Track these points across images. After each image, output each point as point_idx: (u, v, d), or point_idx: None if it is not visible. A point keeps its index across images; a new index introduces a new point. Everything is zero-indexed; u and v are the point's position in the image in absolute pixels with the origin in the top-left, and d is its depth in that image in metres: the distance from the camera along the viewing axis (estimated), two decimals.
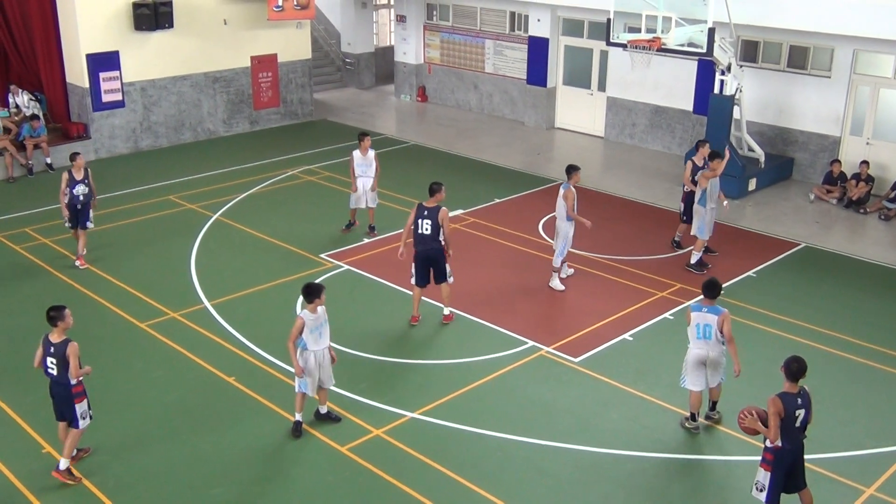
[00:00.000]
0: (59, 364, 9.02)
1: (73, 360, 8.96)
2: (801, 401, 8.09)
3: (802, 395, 8.12)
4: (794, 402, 8.05)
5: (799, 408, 8.07)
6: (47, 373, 9.19)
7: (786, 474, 8.27)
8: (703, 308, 9.93)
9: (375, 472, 9.51)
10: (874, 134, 18.64)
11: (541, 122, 23.97)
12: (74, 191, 14.25)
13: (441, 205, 12.38)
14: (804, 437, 8.26)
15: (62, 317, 9.12)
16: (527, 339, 12.41)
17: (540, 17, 23.13)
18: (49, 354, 9.07)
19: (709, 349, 9.96)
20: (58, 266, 14.67)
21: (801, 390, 8.13)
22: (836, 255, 15.62)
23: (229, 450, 9.92)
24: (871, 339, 12.51)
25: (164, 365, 11.66)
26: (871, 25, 16.73)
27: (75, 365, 8.98)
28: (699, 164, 14.95)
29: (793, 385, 8.10)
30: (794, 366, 8.08)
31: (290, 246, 15.58)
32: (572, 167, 13.55)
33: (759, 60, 19.79)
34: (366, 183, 15.55)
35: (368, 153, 15.51)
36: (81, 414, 9.22)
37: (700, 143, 15.34)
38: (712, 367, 10.07)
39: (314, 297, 9.76)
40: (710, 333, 9.88)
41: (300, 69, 24.32)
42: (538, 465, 9.72)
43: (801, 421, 8.12)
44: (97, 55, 20.23)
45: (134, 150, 21.39)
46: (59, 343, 9.03)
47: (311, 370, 9.89)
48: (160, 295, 13.63)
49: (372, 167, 15.53)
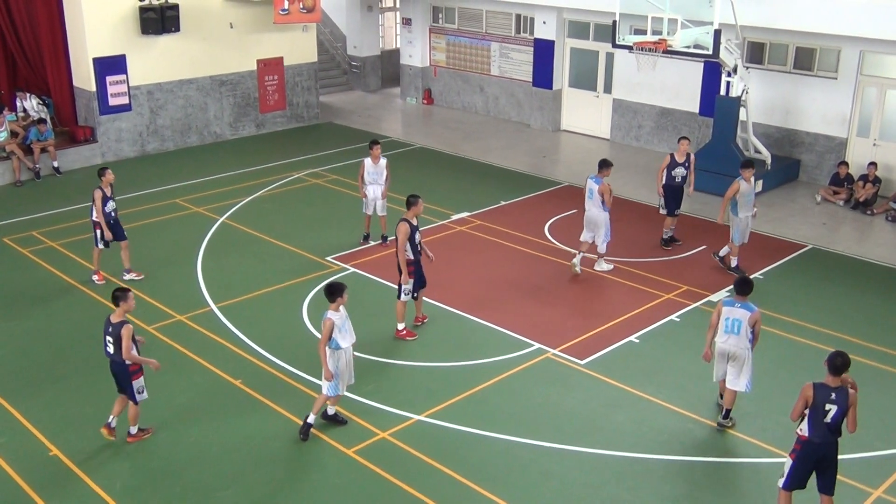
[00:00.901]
0: (115, 343, 9.56)
1: (125, 341, 9.47)
2: (835, 395, 8.02)
3: (839, 392, 8.03)
4: (826, 395, 8.03)
5: (831, 402, 8.02)
6: (106, 351, 9.74)
7: (812, 469, 8.28)
8: (735, 304, 10.04)
9: (382, 475, 9.51)
10: (881, 135, 18.59)
11: (547, 125, 23.97)
12: (106, 207, 13.81)
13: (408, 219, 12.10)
14: (837, 436, 8.15)
15: (125, 298, 9.64)
16: (533, 341, 12.40)
17: (546, 20, 23.13)
18: (108, 333, 9.63)
19: (734, 344, 10.04)
20: (64, 269, 14.71)
21: (840, 387, 8.05)
22: (844, 256, 15.58)
23: (236, 452, 9.93)
24: (878, 340, 12.46)
25: (171, 368, 11.66)
26: (878, 26, 16.69)
27: (126, 346, 9.47)
28: (679, 160, 15.27)
29: (834, 379, 8.05)
30: (838, 360, 8.06)
31: (296, 249, 15.59)
32: (606, 162, 14.45)
33: (765, 62, 19.76)
34: (376, 190, 15.28)
35: (380, 161, 15.20)
36: (138, 389, 9.78)
37: (681, 139, 15.46)
38: (734, 363, 10.13)
39: (337, 295, 9.80)
40: (738, 329, 9.96)
41: (306, 72, 24.36)
42: (545, 467, 9.71)
43: (833, 417, 8.03)
44: (104, 59, 20.30)
45: (140, 154, 21.44)
46: (116, 323, 9.55)
47: (341, 370, 9.96)
48: (167, 298, 13.65)
49: (382, 175, 15.26)
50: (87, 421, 10.46)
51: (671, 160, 15.32)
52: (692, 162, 15.44)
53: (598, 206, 14.19)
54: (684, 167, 15.32)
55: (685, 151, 15.32)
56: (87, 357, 11.92)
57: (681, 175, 15.32)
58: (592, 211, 14.28)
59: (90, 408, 10.73)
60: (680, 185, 15.43)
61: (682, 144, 15.36)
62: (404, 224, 12.00)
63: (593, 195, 14.21)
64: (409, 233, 12.00)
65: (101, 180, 13.88)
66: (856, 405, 8.07)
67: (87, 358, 11.89)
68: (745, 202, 14.16)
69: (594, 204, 14.22)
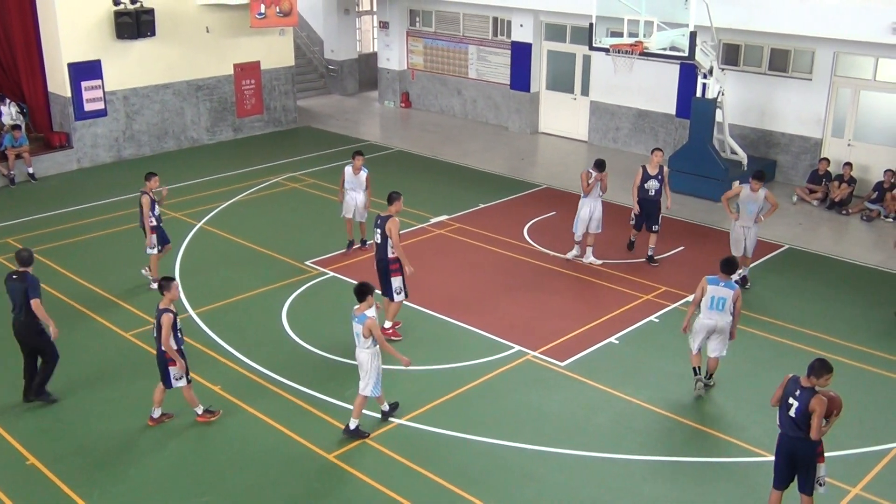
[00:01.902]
0: (157, 328, 9.97)
1: (165, 329, 9.86)
2: (799, 392, 8.13)
3: (805, 391, 8.11)
4: (793, 389, 8.20)
5: (794, 398, 8.14)
6: (154, 336, 10.14)
7: (787, 463, 8.39)
8: (720, 282, 10.73)
9: (363, 479, 9.48)
10: (855, 135, 18.77)
11: (525, 127, 24.02)
12: (155, 212, 13.75)
13: (394, 216, 12.25)
14: (803, 433, 8.13)
15: (169, 287, 10.02)
16: (513, 343, 12.41)
17: (523, 23, 23.19)
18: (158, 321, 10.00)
19: (718, 319, 10.76)
20: (40, 276, 14.46)
21: (808, 387, 8.11)
22: (820, 256, 15.71)
23: (216, 458, 9.88)
24: (854, 339, 12.58)
25: (150, 374, 11.56)
26: (851, 28, 16.86)
27: (166, 334, 9.87)
28: (652, 172, 14.69)
29: (808, 379, 8.14)
30: (816, 363, 8.17)
31: (274, 253, 15.53)
32: (602, 162, 14.80)
33: (740, 63, 19.91)
34: (356, 198, 15.06)
35: (360, 173, 14.99)
36: (175, 376, 10.12)
37: (654, 151, 14.97)
38: (719, 335, 10.87)
39: (368, 294, 9.92)
40: (723, 306, 10.70)
41: (283, 76, 24.29)
42: (526, 469, 9.72)
43: (796, 412, 8.11)
44: (79, 64, 20.15)
45: (117, 159, 21.29)
46: (159, 311, 9.94)
47: (379, 368, 10.13)
48: (144, 304, 13.54)
49: (362, 186, 15.08)
50: (64, 429, 10.38)
51: (643, 173, 14.75)
52: (665, 174, 14.84)
53: (594, 195, 14.80)
54: (657, 180, 14.68)
55: (658, 163, 14.74)
56: (63, 365, 11.78)
57: (654, 188, 14.69)
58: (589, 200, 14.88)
59: (66, 416, 10.65)
60: (655, 199, 14.77)
61: (654, 156, 14.80)
62: (396, 220, 12.17)
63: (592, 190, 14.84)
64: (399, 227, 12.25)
65: (147, 185, 13.75)
66: (819, 414, 8.00)
67: (62, 366, 11.75)
68: (742, 210, 13.91)
69: (592, 194, 14.78)
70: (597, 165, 14.71)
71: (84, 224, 16.99)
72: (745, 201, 13.88)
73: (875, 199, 17.64)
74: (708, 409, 10.87)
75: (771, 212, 13.93)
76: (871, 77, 18.30)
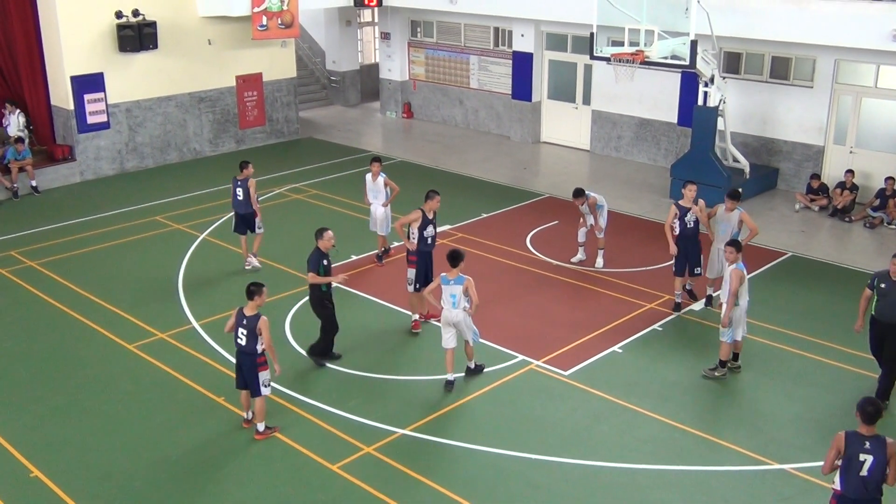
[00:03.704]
0: (249, 335, 9.97)
1: (266, 332, 9.97)
2: (869, 445, 7.36)
3: (873, 441, 7.36)
4: (859, 445, 7.37)
5: (865, 452, 7.35)
6: (237, 342, 10.11)
7: None
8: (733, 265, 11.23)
9: (367, 490, 9.46)
10: (857, 143, 18.77)
11: (526, 137, 24.05)
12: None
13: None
14: (878, 493, 7.44)
15: (260, 293, 10.10)
16: (516, 353, 12.40)
17: (524, 33, 23.24)
18: (241, 325, 10.01)
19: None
20: (43, 289, 14.59)
21: (875, 436, 7.38)
22: (823, 263, 15.69)
23: (220, 470, 9.86)
24: (860, 347, 12.51)
25: (153, 386, 11.60)
26: (852, 35, 16.88)
27: (268, 337, 10.00)
28: (686, 206, 13.32)
29: (869, 428, 7.40)
30: (870, 408, 7.42)
31: (277, 264, 15.54)
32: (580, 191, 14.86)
33: (741, 72, 19.93)
34: (376, 210, 15.32)
35: (378, 179, 15.31)
36: (264, 382, 10.17)
37: (686, 184, 13.58)
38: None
39: (460, 260, 11.15)
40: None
41: (285, 88, 24.35)
42: (530, 479, 9.70)
43: (869, 469, 7.35)
44: (82, 77, 20.21)
45: (120, 172, 21.33)
46: (251, 316, 9.99)
47: None
48: (148, 316, 13.57)
49: (381, 193, 15.33)
50: (68, 442, 10.38)
51: (677, 209, 13.30)
52: (702, 208, 13.38)
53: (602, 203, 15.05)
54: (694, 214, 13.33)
55: (692, 198, 13.31)
56: (67, 377, 11.83)
57: (692, 220, 13.25)
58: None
59: (70, 429, 10.65)
60: (693, 235, 13.34)
61: (688, 191, 13.34)
62: (418, 211, 12.87)
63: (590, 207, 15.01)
64: (419, 219, 12.77)
65: (244, 172, 14.90)
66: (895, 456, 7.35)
67: (66, 378, 11.81)
68: (716, 230, 13.31)
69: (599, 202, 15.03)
70: (575, 195, 14.81)
71: (87, 236, 17.02)
72: (719, 221, 13.23)
73: (877, 206, 17.63)
74: (712, 418, 10.85)
75: (750, 237, 12.92)
76: (873, 84, 18.31)
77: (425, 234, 12.91)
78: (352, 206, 18.57)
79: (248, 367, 10.13)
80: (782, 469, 9.84)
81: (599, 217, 14.98)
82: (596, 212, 14.93)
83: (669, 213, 13.53)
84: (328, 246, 11.68)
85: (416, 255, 12.88)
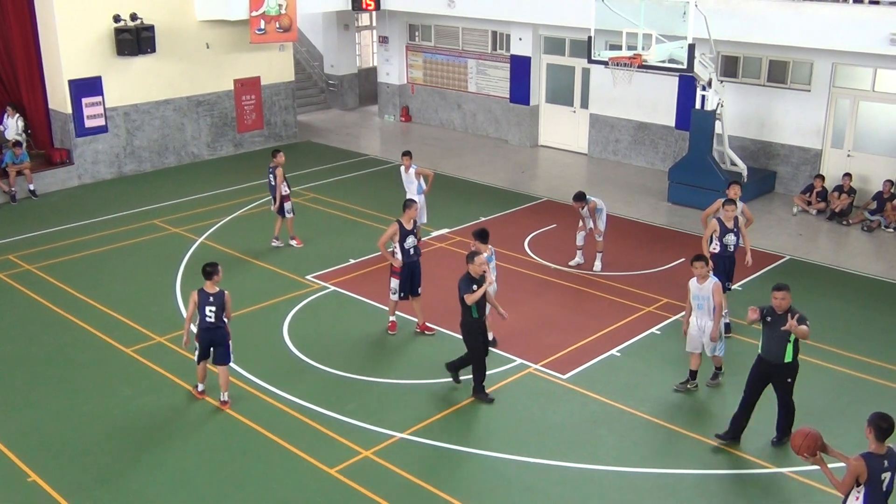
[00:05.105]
0: (219, 310, 10.77)
1: (230, 305, 10.88)
2: (888, 463, 7.31)
3: (891, 457, 7.33)
4: (880, 465, 7.29)
5: (885, 470, 7.30)
6: (205, 320, 10.79)
7: None
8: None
9: (365, 494, 9.45)
10: (854, 146, 18.80)
11: (524, 140, 24.07)
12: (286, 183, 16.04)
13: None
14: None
15: (217, 272, 10.90)
16: (514, 356, 12.40)
17: (522, 36, 23.26)
18: (208, 304, 10.75)
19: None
20: (41, 293, 14.58)
21: (888, 450, 7.36)
22: (821, 266, 15.71)
23: (217, 475, 9.85)
24: (858, 350, 12.56)
25: (151, 390, 11.59)
26: (849, 39, 16.90)
27: (230, 309, 10.90)
28: (728, 225, 12.60)
29: (880, 446, 7.33)
30: (884, 424, 7.29)
31: (275, 268, 15.54)
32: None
33: (739, 75, 19.96)
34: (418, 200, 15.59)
35: (410, 170, 15.95)
36: (232, 350, 11.03)
37: (725, 204, 12.71)
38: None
39: (486, 240, 11.98)
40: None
41: (283, 91, 24.36)
42: (528, 482, 9.69)
43: (888, 485, 7.34)
44: (79, 81, 20.20)
45: (118, 175, 21.33)
46: (216, 293, 10.79)
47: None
48: (146, 319, 13.56)
49: (414, 184, 15.93)
50: (65, 446, 10.36)
51: (720, 226, 12.61)
52: (742, 224, 12.83)
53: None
54: (734, 234, 12.61)
55: (732, 216, 12.58)
56: (65, 381, 11.81)
57: (732, 243, 12.63)
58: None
59: (68, 433, 10.63)
60: (732, 255, 12.76)
61: (727, 210, 12.56)
62: (395, 224, 12.73)
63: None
64: (396, 232, 12.62)
65: (275, 160, 15.99)
66: None
67: (64, 382, 11.78)
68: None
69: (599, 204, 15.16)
70: (576, 198, 14.90)
71: (85, 240, 17.01)
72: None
73: (875, 209, 17.65)
74: (710, 422, 10.83)
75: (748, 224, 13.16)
76: (870, 88, 18.34)
77: (406, 246, 12.66)
78: (350, 210, 18.59)
79: (220, 337, 10.88)
80: (780, 473, 9.84)
81: (599, 221, 15.00)
82: (595, 215, 14.94)
83: (708, 229, 12.82)
84: (479, 271, 10.97)
85: (401, 267, 12.72)
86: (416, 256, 12.88)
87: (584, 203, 14.82)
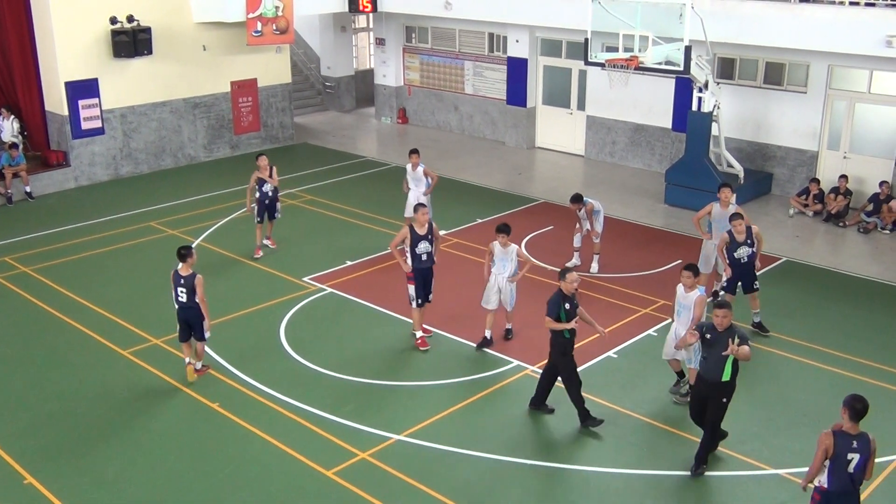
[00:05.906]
0: (189, 292, 11.22)
1: (200, 288, 11.27)
2: (856, 444, 7.49)
3: (860, 439, 7.50)
4: (848, 444, 7.48)
5: (854, 451, 7.49)
6: (178, 301, 11.32)
7: None
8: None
9: (362, 496, 9.44)
10: (851, 148, 18.83)
11: (521, 142, 24.08)
12: (264, 188, 15.77)
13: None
14: (859, 485, 7.64)
15: (191, 254, 11.33)
16: (511, 358, 12.40)
17: (518, 38, 23.28)
18: (179, 285, 11.23)
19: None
20: (38, 295, 14.56)
21: (860, 434, 7.51)
22: (817, 268, 15.73)
23: (214, 477, 9.83)
24: (854, 351, 12.57)
25: (148, 392, 11.57)
26: (845, 41, 16.94)
27: (201, 292, 11.27)
28: (739, 238, 12.66)
29: (854, 426, 7.48)
30: (859, 405, 7.43)
31: (272, 270, 15.53)
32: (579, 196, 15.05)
33: (735, 77, 19.99)
34: (414, 196, 15.93)
35: (418, 168, 16.02)
36: (206, 327, 11.51)
37: (733, 218, 12.78)
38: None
39: (505, 233, 12.23)
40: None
41: (280, 93, 24.35)
42: (526, 484, 9.69)
43: (855, 466, 7.51)
44: (76, 83, 20.19)
45: (114, 177, 21.31)
46: (188, 276, 11.21)
47: (488, 289, 12.58)
48: (142, 321, 13.54)
49: (422, 181, 16.04)
50: (62, 449, 10.34)
51: (731, 240, 12.69)
52: (756, 234, 12.82)
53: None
54: (748, 245, 12.67)
55: (744, 229, 12.64)
56: (61, 383, 11.79)
57: (746, 254, 12.68)
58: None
59: (65, 435, 10.61)
60: (748, 264, 12.82)
61: (736, 224, 12.62)
62: (405, 227, 12.62)
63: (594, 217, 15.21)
64: (406, 236, 12.43)
65: (260, 167, 15.81)
66: (875, 451, 7.56)
67: (60, 384, 11.76)
68: (717, 227, 13.43)
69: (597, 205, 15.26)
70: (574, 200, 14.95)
71: (82, 242, 17.00)
72: (718, 217, 13.36)
73: (871, 211, 17.68)
74: None
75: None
76: (866, 90, 18.37)
77: (418, 251, 12.38)
78: (346, 212, 18.59)
79: (194, 316, 11.39)
80: (777, 474, 9.85)
81: (596, 223, 15.01)
82: (593, 217, 14.95)
83: (721, 240, 12.84)
84: (571, 289, 10.39)
85: (413, 272, 12.50)
86: (428, 263, 12.57)
87: (582, 205, 14.84)
